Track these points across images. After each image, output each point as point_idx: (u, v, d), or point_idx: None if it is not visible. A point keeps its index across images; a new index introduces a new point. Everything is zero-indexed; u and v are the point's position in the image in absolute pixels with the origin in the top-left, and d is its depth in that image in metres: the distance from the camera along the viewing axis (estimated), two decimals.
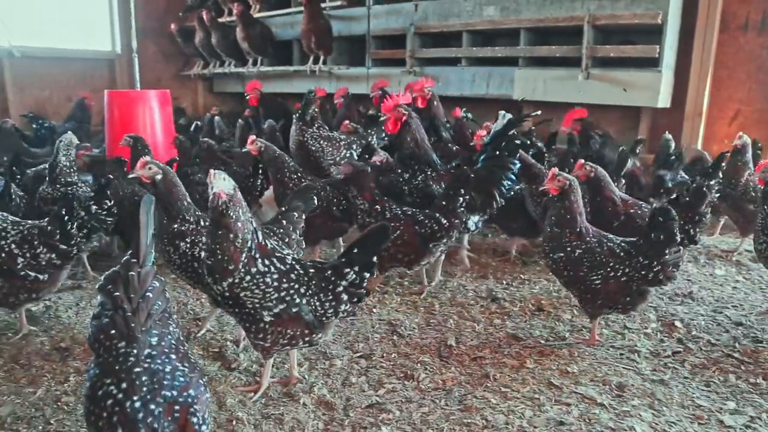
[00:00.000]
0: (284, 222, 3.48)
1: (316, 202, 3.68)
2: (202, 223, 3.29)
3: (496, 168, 4.29)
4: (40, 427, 2.66)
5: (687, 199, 3.85)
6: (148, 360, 1.96)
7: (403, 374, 3.15)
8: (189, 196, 3.39)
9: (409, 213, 4.02)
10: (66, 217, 3.52)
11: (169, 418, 1.88)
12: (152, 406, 1.86)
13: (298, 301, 2.74)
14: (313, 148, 5.24)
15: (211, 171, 2.74)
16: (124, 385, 1.87)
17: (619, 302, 3.36)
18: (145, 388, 1.89)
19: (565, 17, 6.44)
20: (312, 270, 2.84)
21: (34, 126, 7.99)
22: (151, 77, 10.04)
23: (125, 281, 2.03)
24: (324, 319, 2.83)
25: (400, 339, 3.56)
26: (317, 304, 2.79)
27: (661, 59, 6.00)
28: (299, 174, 4.65)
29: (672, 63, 6.27)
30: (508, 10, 6.90)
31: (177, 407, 1.90)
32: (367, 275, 2.82)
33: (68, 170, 4.62)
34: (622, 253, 3.32)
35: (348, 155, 5.38)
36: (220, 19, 9.42)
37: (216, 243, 2.67)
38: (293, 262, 2.85)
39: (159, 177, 3.20)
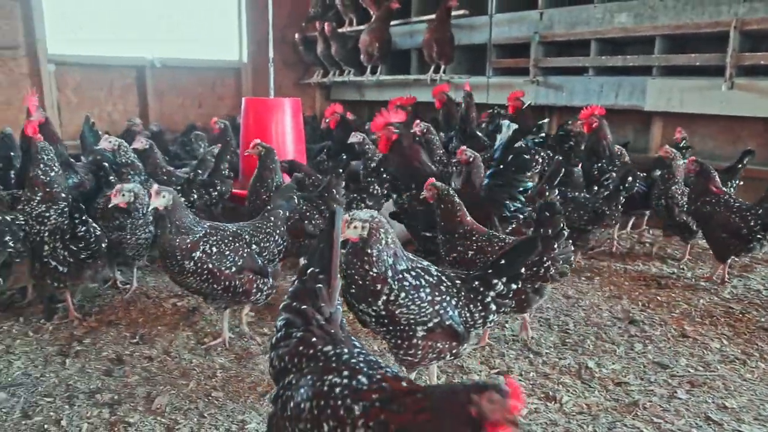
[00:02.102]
0: (271, 219, 3.76)
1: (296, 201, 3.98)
2: (206, 227, 3.47)
3: (498, 187, 4.17)
4: (195, 420, 2.82)
5: None
6: (361, 357, 1.85)
7: (545, 395, 3.04)
8: None
9: None
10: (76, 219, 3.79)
11: None
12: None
13: (451, 313, 2.73)
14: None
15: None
16: (346, 372, 1.76)
17: (514, 302, 3.04)
18: (366, 368, 1.79)
19: (709, 23, 6.01)
20: (458, 281, 2.82)
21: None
22: (273, 85, 10.50)
23: (315, 295, 1.99)
24: (473, 329, 2.81)
25: (536, 357, 3.45)
26: (468, 315, 2.77)
27: None
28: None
29: None
30: (642, 16, 6.55)
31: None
32: (514, 286, 2.80)
33: None
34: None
35: None
36: (340, 30, 9.68)
37: (353, 269, 2.66)
38: (439, 274, 2.83)
39: (170, 204, 3.34)
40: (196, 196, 5.00)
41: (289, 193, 4.02)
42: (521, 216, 4.34)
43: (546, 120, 7.46)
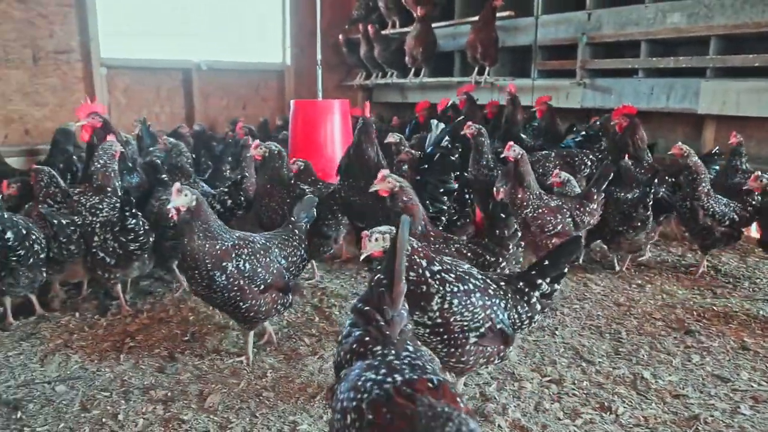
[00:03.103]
0: (296, 231, 3.61)
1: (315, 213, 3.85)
2: (234, 237, 3.29)
3: (422, 187, 4.13)
4: (247, 419, 2.84)
5: None
6: (406, 360, 1.84)
7: (599, 405, 2.96)
8: None
9: None
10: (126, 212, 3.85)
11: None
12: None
13: (501, 316, 2.71)
14: None
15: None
16: (383, 371, 1.74)
17: None
18: (407, 369, 1.76)
19: None
20: (502, 283, 2.82)
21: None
22: (315, 87, 10.58)
23: (377, 298, 2.02)
24: (520, 331, 2.83)
25: (589, 366, 3.36)
26: (516, 317, 2.78)
27: None
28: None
29: None
30: (696, 16, 6.35)
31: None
32: (558, 287, 2.87)
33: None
34: (468, 253, 3.37)
35: None
36: (383, 32, 9.70)
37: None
38: (483, 276, 2.81)
39: (194, 204, 3.17)
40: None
41: (312, 204, 3.82)
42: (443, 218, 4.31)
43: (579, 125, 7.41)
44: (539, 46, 7.98)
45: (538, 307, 2.82)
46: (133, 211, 3.93)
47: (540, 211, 4.39)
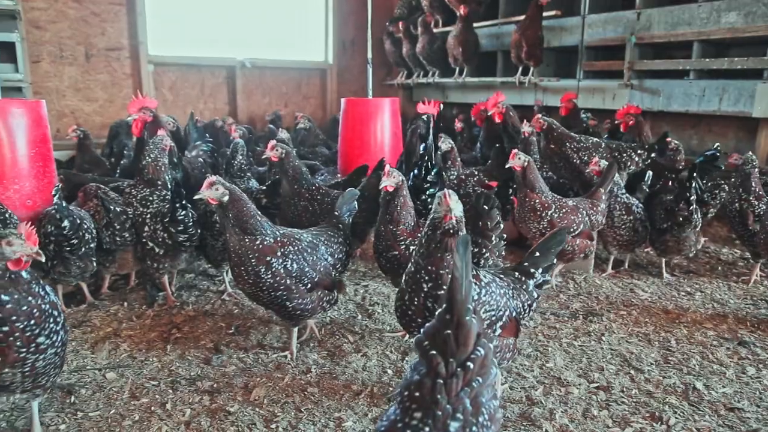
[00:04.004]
0: (340, 226, 3.60)
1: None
2: (278, 234, 3.25)
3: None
4: (292, 414, 2.86)
5: None
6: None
7: (649, 415, 2.88)
8: None
9: None
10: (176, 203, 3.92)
11: None
12: None
13: (515, 304, 2.83)
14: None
15: (446, 191, 2.70)
16: None
17: None
18: None
19: None
20: (502, 274, 2.92)
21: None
22: (356, 86, 10.65)
23: (443, 342, 1.67)
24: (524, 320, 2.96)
25: (638, 374, 3.27)
26: (520, 306, 2.89)
27: None
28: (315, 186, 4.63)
29: None
30: (754, 15, 6.12)
31: None
32: (549, 278, 3.10)
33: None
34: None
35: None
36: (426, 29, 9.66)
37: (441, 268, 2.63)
38: (486, 271, 2.90)
39: (226, 198, 3.11)
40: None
41: (354, 197, 3.80)
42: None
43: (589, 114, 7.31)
44: (585, 47, 7.83)
45: (535, 294, 2.97)
46: (183, 202, 4.01)
47: (564, 211, 4.32)
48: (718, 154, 5.20)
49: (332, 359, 3.40)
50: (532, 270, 2.97)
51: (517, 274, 2.96)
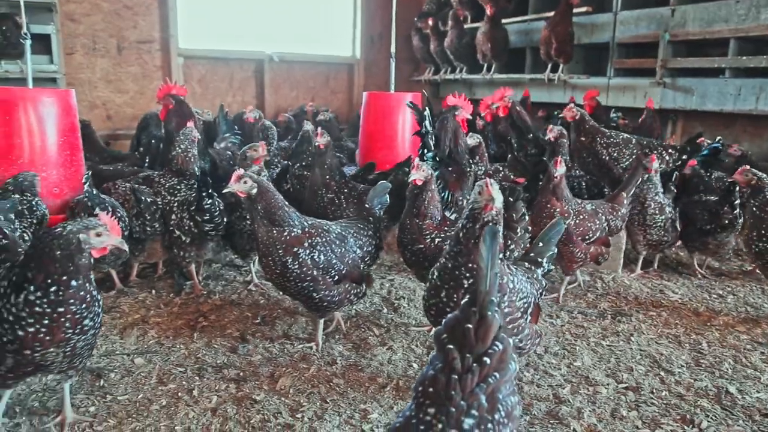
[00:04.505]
0: (371, 219, 3.62)
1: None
2: (306, 225, 3.26)
3: None
4: (318, 404, 2.86)
5: None
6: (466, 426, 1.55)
7: (680, 417, 2.82)
8: None
9: None
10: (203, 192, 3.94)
11: None
12: None
13: (536, 292, 2.89)
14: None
15: (488, 180, 2.67)
16: None
17: None
18: None
19: None
20: (514, 266, 2.93)
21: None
22: (383, 81, 10.60)
23: (462, 335, 1.61)
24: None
25: (668, 375, 3.21)
26: (535, 292, 2.92)
27: None
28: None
29: None
30: None
31: None
32: (552, 267, 3.24)
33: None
34: None
35: None
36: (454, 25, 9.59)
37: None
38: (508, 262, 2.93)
39: (254, 191, 3.14)
40: (288, 186, 5.07)
41: (385, 190, 3.80)
42: None
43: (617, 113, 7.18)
44: (617, 44, 7.70)
45: (543, 282, 3.07)
46: (210, 191, 4.04)
47: (582, 218, 4.19)
48: (721, 147, 5.13)
49: (357, 352, 3.40)
50: (539, 259, 3.08)
51: (527, 264, 3.05)
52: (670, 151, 5.14)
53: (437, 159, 4.49)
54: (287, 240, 3.17)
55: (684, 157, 5.21)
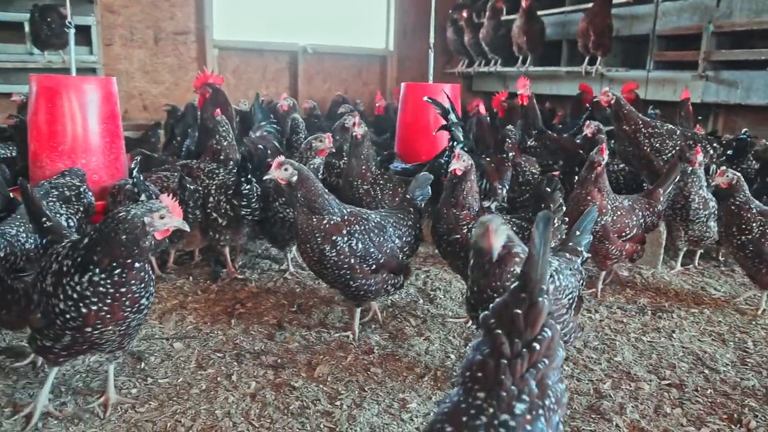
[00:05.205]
0: (411, 210, 3.59)
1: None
2: (345, 213, 3.26)
3: None
4: (356, 392, 2.86)
5: None
6: (502, 429, 1.51)
7: (727, 416, 2.75)
8: None
9: None
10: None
11: None
12: None
13: (578, 284, 2.88)
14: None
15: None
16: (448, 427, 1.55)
17: None
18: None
19: None
20: (556, 257, 2.92)
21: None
22: (416, 73, 10.55)
23: (510, 320, 1.61)
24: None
25: (713, 374, 3.13)
26: (578, 284, 2.91)
27: None
28: None
29: None
30: None
31: None
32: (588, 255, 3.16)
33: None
34: (514, 228, 3.43)
35: None
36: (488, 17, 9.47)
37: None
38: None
39: (294, 178, 3.15)
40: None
41: (427, 181, 3.77)
42: None
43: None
44: (657, 36, 7.51)
45: (583, 272, 2.98)
46: (248, 177, 4.06)
47: (619, 214, 4.07)
48: (749, 139, 4.98)
49: (394, 341, 3.39)
50: (579, 248, 3.02)
51: (567, 255, 2.98)
52: (714, 145, 5.00)
53: (468, 150, 4.48)
54: (326, 228, 3.18)
55: (729, 152, 5.09)
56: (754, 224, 3.82)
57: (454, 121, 4.57)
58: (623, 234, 4.10)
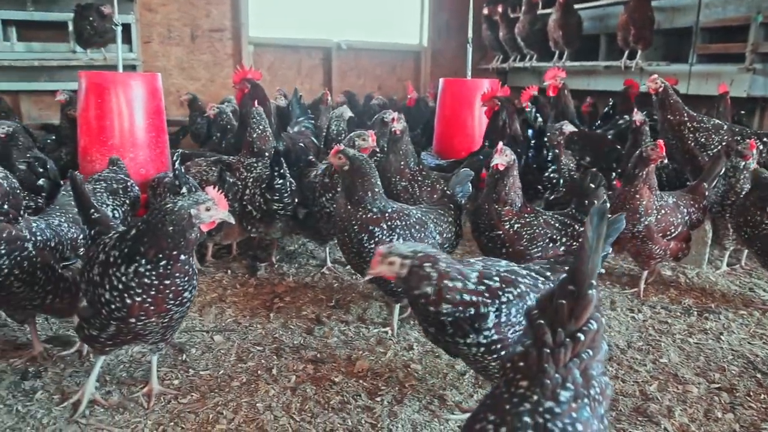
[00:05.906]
0: (451, 206, 3.60)
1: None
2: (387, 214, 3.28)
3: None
4: (396, 389, 2.84)
5: None
6: (547, 415, 1.49)
7: None
8: None
9: None
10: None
11: None
12: None
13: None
14: None
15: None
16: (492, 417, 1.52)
17: None
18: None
19: None
20: None
21: None
22: (450, 69, 10.48)
23: (555, 310, 1.60)
24: None
25: (765, 378, 3.01)
26: None
27: None
28: None
29: None
30: None
31: None
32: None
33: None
34: (557, 224, 3.50)
35: None
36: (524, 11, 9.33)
37: None
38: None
39: (346, 167, 3.29)
40: None
41: (468, 177, 3.76)
42: None
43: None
44: (701, 28, 7.28)
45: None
46: (281, 171, 4.07)
47: (663, 213, 3.92)
48: None
49: None
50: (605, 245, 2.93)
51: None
52: (765, 140, 4.82)
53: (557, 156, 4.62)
54: (365, 219, 3.23)
55: None
56: None
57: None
58: (668, 233, 3.98)
